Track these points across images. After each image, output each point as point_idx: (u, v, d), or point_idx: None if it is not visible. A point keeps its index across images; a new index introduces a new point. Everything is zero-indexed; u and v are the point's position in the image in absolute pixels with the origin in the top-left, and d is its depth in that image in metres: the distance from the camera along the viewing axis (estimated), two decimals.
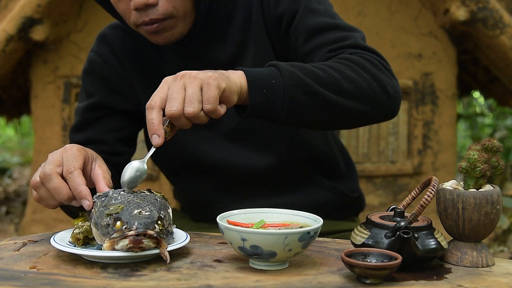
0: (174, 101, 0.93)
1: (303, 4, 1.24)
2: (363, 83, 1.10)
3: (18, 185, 5.65)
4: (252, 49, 1.28)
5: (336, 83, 1.07)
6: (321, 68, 1.08)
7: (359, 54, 1.16)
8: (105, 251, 0.89)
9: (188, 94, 0.94)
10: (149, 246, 0.86)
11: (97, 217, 0.91)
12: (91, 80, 1.37)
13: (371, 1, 3.25)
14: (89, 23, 3.14)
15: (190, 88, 0.94)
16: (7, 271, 0.86)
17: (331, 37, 1.20)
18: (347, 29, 1.22)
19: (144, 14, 1.15)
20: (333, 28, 1.21)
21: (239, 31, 1.28)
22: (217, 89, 0.95)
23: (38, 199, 1.02)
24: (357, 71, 1.11)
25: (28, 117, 5.10)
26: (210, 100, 0.94)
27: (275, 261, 0.87)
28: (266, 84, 1.02)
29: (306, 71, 1.05)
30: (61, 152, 1.02)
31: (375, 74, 1.13)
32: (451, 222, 0.92)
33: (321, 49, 1.20)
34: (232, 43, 1.28)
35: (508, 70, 3.34)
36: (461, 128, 6.47)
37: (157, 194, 0.99)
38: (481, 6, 3.03)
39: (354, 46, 1.18)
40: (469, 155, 0.92)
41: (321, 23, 1.22)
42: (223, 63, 1.28)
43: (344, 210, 1.41)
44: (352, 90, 1.09)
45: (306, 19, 1.23)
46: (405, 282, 0.82)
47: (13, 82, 3.61)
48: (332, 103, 1.07)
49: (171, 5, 1.15)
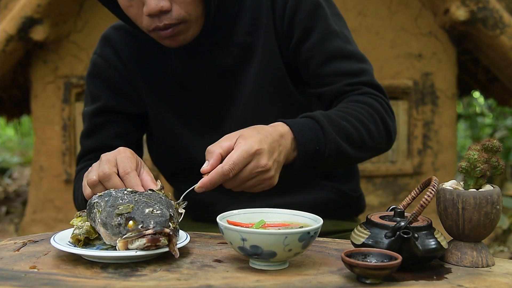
0: (238, 187, 1.06)
1: (321, 23, 1.26)
2: (379, 138, 1.23)
3: (18, 185, 5.65)
4: (261, 53, 1.27)
5: (362, 142, 1.20)
6: (354, 125, 1.18)
7: (376, 98, 1.26)
8: (105, 251, 0.89)
9: (246, 185, 1.06)
10: (164, 244, 0.87)
11: (105, 217, 0.91)
12: (96, 83, 1.37)
13: (371, 1, 3.25)
14: (89, 23, 3.14)
15: (259, 184, 1.06)
16: (7, 271, 0.86)
17: (348, 67, 1.26)
18: (360, 58, 1.29)
19: (157, 19, 1.15)
20: (349, 56, 1.27)
21: (245, 33, 1.28)
22: (270, 186, 1.08)
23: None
24: (377, 123, 1.23)
25: (28, 117, 5.10)
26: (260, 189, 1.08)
27: (275, 261, 0.87)
28: (312, 151, 1.13)
29: (344, 133, 1.16)
30: (115, 154, 1.06)
31: (387, 124, 1.26)
32: (451, 222, 0.92)
33: (338, 78, 1.26)
34: (237, 46, 1.28)
35: (508, 70, 3.34)
36: (461, 128, 6.47)
37: (159, 193, 1.00)
38: (481, 6, 3.03)
39: (370, 84, 1.27)
40: (469, 155, 0.92)
41: (339, 49, 1.27)
42: (228, 65, 1.28)
43: (344, 210, 1.41)
44: (370, 146, 1.22)
45: (324, 42, 1.26)
46: (405, 282, 0.82)
47: (13, 82, 3.60)
48: (352, 158, 1.21)
49: (184, 10, 1.15)
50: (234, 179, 1.03)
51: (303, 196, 1.34)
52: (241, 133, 1.05)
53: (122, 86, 1.35)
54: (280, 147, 1.07)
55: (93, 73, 1.38)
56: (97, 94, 1.36)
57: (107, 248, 0.93)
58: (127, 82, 1.35)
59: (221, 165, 1.01)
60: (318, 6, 1.26)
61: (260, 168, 1.03)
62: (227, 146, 1.03)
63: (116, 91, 1.35)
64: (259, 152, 1.02)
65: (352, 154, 1.19)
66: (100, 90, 1.36)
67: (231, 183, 1.04)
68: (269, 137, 1.06)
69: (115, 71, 1.35)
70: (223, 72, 1.30)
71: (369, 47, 3.16)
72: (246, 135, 1.04)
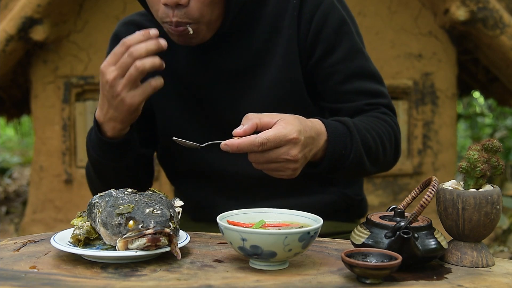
0: (260, 164, 1.06)
1: (346, 40, 1.27)
2: (389, 156, 1.28)
3: (18, 185, 5.65)
4: (279, 61, 1.26)
5: (377, 157, 1.22)
6: (375, 139, 1.21)
7: (393, 119, 1.30)
8: (105, 251, 0.89)
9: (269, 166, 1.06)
10: (165, 244, 0.88)
11: (106, 217, 0.91)
12: None
13: (371, 1, 3.25)
14: (89, 23, 3.14)
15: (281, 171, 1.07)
16: (7, 271, 0.86)
17: (368, 87, 1.29)
18: (380, 79, 1.32)
19: (171, 12, 1.13)
20: (370, 76, 1.30)
21: (262, 40, 1.27)
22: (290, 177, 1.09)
23: (115, 76, 1.09)
24: (391, 142, 1.27)
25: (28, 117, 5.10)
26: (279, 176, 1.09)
27: (275, 261, 0.87)
28: (337, 156, 1.14)
29: (367, 145, 1.18)
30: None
31: (399, 145, 1.32)
32: (451, 222, 0.92)
33: (358, 97, 1.28)
34: (251, 51, 1.27)
35: (508, 70, 3.34)
36: (461, 128, 6.46)
37: (160, 193, 1.00)
38: (481, 6, 3.03)
39: (388, 107, 1.31)
40: (469, 155, 0.92)
41: (361, 68, 1.29)
42: (238, 69, 1.27)
43: (346, 212, 1.40)
44: (381, 162, 1.26)
45: (347, 59, 1.27)
46: (405, 282, 0.82)
47: (13, 82, 3.60)
48: (365, 171, 1.23)
49: (199, 11, 1.13)
50: (261, 154, 1.02)
51: (305, 199, 1.33)
52: (283, 116, 1.05)
53: None
54: (313, 144, 1.09)
55: None
56: None
57: (107, 248, 0.94)
58: None
59: (255, 136, 1.00)
60: (344, 23, 1.27)
61: (289, 156, 1.03)
62: (266, 121, 1.03)
63: None
64: (294, 141, 1.02)
65: (367, 166, 1.21)
66: None
67: (255, 157, 1.03)
68: (308, 131, 1.06)
69: None
70: (232, 76, 1.28)
71: (369, 47, 3.14)
72: (288, 120, 1.04)
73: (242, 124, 1.03)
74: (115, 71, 1.10)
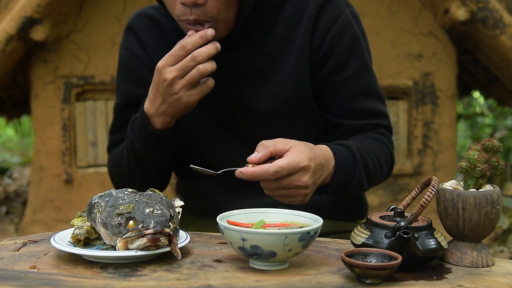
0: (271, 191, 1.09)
1: (358, 58, 1.30)
2: (384, 176, 1.33)
3: (18, 185, 5.65)
4: (290, 68, 1.28)
5: (373, 179, 1.27)
6: (374, 163, 1.26)
7: (390, 140, 1.35)
8: (105, 251, 0.89)
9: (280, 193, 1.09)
10: (165, 244, 0.88)
11: (106, 217, 0.91)
12: (120, 76, 1.40)
13: (371, 1, 3.25)
14: (89, 23, 3.14)
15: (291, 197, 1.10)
16: (7, 271, 0.86)
17: (372, 107, 1.33)
18: (383, 99, 1.36)
19: (188, 11, 1.15)
20: (376, 96, 1.34)
21: (275, 45, 1.29)
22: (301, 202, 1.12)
23: (175, 77, 1.14)
24: (387, 164, 1.32)
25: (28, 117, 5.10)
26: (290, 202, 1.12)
27: (275, 261, 0.87)
28: (343, 181, 1.19)
29: (367, 169, 1.23)
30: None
31: (393, 166, 1.36)
32: (451, 222, 0.92)
33: (361, 115, 1.32)
34: (263, 55, 1.29)
35: (508, 70, 3.33)
36: (461, 128, 6.46)
37: (160, 193, 1.00)
38: (481, 6, 3.03)
39: (387, 128, 1.35)
40: (469, 155, 0.92)
41: (369, 87, 1.32)
42: (251, 71, 1.29)
43: (346, 212, 1.40)
44: (376, 182, 1.31)
45: (357, 77, 1.30)
46: (405, 282, 0.82)
47: (13, 82, 3.60)
48: (362, 190, 1.28)
49: (216, 9, 1.15)
50: (273, 182, 1.06)
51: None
52: (295, 144, 1.09)
53: (144, 75, 1.35)
54: (322, 170, 1.13)
55: (119, 65, 1.41)
56: (121, 88, 1.39)
57: (107, 248, 0.94)
58: (149, 71, 1.35)
59: (269, 165, 1.04)
60: (357, 41, 1.30)
61: (300, 183, 1.07)
62: (280, 148, 1.07)
63: (138, 81, 1.36)
64: (306, 168, 1.06)
65: (365, 187, 1.26)
66: (124, 82, 1.39)
67: (268, 184, 1.08)
68: (318, 158, 1.11)
69: (139, 61, 1.36)
70: (245, 76, 1.30)
71: (370, 47, 3.16)
72: (300, 148, 1.08)
73: (256, 151, 1.07)
74: (175, 72, 1.14)
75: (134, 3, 3.05)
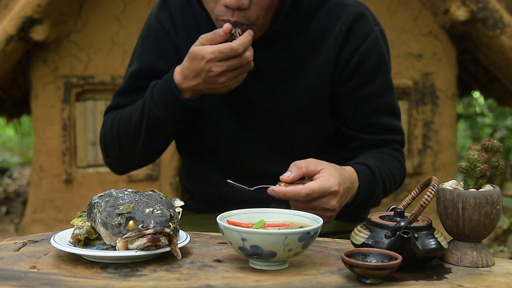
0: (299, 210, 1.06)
1: (382, 76, 1.34)
2: (398, 186, 1.40)
3: (18, 185, 5.65)
4: (312, 75, 1.31)
5: (387, 194, 1.35)
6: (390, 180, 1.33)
7: (403, 156, 1.41)
8: (105, 251, 0.90)
9: (313, 208, 1.11)
10: (165, 244, 0.88)
11: (106, 217, 0.91)
12: (144, 44, 1.40)
13: (371, 1, 3.23)
14: (89, 23, 3.14)
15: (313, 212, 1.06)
16: (7, 271, 0.86)
17: (390, 124, 1.39)
18: (399, 116, 1.42)
19: (230, 13, 1.17)
20: (395, 113, 1.40)
21: (301, 50, 1.31)
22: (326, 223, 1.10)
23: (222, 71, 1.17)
24: (401, 180, 1.40)
25: (28, 117, 5.10)
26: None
27: (275, 261, 0.87)
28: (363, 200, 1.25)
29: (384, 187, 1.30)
30: None
31: (404, 178, 1.42)
32: (451, 222, 0.92)
33: (379, 131, 1.37)
34: (291, 59, 1.31)
35: (508, 70, 3.33)
36: (461, 128, 6.46)
37: (160, 193, 1.00)
38: (481, 6, 3.03)
39: (401, 143, 1.42)
40: (469, 155, 0.92)
41: (389, 105, 1.38)
42: (273, 72, 1.32)
43: (346, 212, 1.40)
44: (389, 193, 1.37)
45: (379, 94, 1.35)
46: (405, 282, 0.82)
47: (13, 82, 3.60)
48: (376, 206, 1.34)
49: (256, 14, 1.18)
50: (302, 203, 1.10)
51: None
52: (326, 166, 1.13)
53: (168, 51, 1.36)
54: (348, 194, 1.18)
55: (145, 35, 1.41)
56: (141, 56, 1.39)
57: (107, 248, 0.94)
58: (174, 48, 1.36)
59: (301, 187, 1.08)
60: (383, 60, 1.34)
61: (328, 206, 1.12)
62: (312, 170, 1.12)
63: (161, 55, 1.36)
64: (335, 193, 1.12)
65: (379, 203, 1.33)
66: (146, 52, 1.39)
67: (297, 204, 1.11)
68: (346, 182, 1.16)
69: (166, 34, 1.37)
70: (270, 77, 1.33)
71: None
72: (330, 171, 1.13)
73: (289, 171, 1.11)
74: (223, 67, 1.17)
75: (134, 3, 3.05)
